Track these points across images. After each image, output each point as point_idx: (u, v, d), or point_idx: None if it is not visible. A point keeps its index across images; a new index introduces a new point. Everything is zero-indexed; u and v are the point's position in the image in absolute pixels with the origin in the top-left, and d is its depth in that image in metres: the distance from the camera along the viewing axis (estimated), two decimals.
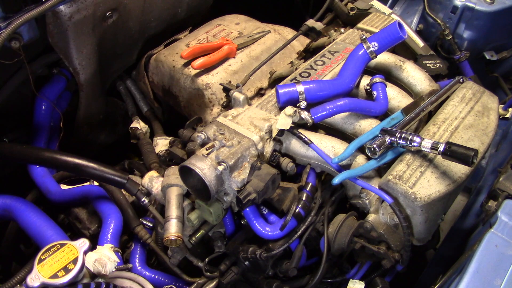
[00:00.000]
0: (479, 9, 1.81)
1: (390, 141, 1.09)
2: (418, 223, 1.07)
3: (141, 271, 1.27)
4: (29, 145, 1.51)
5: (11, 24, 1.12)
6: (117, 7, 1.40)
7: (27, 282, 0.85)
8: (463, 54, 1.88)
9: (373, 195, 1.16)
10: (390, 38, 1.24)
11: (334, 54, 1.49)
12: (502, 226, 1.00)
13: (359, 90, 1.36)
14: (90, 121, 1.71)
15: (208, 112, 1.51)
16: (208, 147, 1.12)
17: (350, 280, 1.12)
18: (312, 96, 1.23)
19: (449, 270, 1.03)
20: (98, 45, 1.44)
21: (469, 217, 1.43)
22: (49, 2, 1.16)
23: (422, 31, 2.01)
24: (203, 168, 1.06)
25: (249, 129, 1.20)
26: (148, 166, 1.41)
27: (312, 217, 1.20)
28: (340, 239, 1.13)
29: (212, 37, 1.69)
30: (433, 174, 1.07)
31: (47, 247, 0.88)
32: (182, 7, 1.72)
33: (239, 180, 1.10)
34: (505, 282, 0.89)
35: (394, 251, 1.11)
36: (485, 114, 1.25)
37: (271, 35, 1.72)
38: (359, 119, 1.25)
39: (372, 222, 1.11)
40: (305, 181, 1.22)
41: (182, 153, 1.27)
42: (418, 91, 1.38)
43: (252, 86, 1.57)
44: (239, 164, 1.12)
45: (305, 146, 1.19)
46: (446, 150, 0.99)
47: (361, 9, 1.82)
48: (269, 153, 1.20)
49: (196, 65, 1.50)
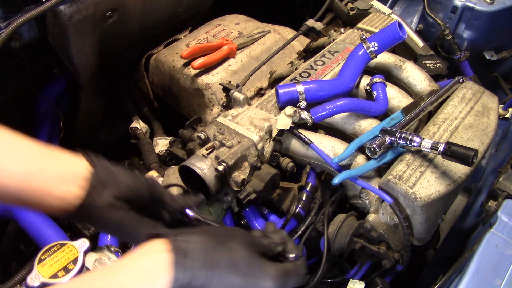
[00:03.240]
0: (479, 9, 1.81)
1: (390, 141, 1.09)
2: (418, 223, 1.07)
3: None
4: None
5: (11, 24, 1.12)
6: (117, 7, 1.40)
7: (27, 282, 0.85)
8: (463, 54, 1.87)
9: (373, 195, 1.16)
10: (390, 38, 1.24)
11: (334, 54, 1.49)
12: (502, 226, 1.00)
13: (359, 90, 1.36)
14: (90, 121, 1.70)
15: (208, 112, 1.51)
16: (208, 147, 1.12)
17: (350, 280, 1.12)
18: (312, 96, 1.23)
19: (449, 270, 1.03)
20: (98, 45, 1.44)
21: (469, 217, 1.43)
22: (49, 2, 1.16)
23: (422, 31, 2.00)
24: (203, 168, 1.06)
25: (249, 129, 1.20)
26: (148, 166, 1.40)
27: (312, 217, 1.20)
28: (340, 239, 1.13)
29: (212, 37, 1.69)
30: (433, 174, 1.07)
31: (47, 247, 0.89)
32: (182, 7, 1.72)
33: (239, 180, 1.10)
34: (505, 282, 0.89)
35: (394, 251, 1.11)
36: (485, 114, 1.25)
37: (271, 35, 1.72)
38: (359, 119, 1.25)
39: (372, 222, 1.12)
40: (305, 181, 1.22)
41: (182, 153, 1.27)
42: (418, 91, 1.38)
43: (252, 86, 1.57)
44: (239, 164, 1.12)
45: (305, 146, 1.19)
46: (446, 150, 0.99)
47: (361, 9, 1.82)
48: (269, 153, 1.20)
49: (196, 65, 1.50)
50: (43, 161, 0.76)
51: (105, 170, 0.80)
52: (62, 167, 0.77)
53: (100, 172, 0.79)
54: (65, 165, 0.78)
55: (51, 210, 0.77)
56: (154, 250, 0.67)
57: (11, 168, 0.73)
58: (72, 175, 0.77)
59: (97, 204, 0.77)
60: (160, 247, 0.67)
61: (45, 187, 0.75)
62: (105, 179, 0.78)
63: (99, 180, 0.78)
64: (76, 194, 0.76)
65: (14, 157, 0.74)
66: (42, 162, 0.76)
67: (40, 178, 0.75)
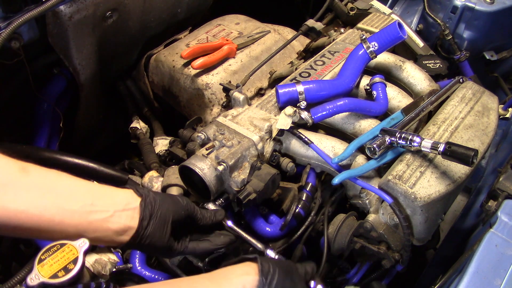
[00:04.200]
0: (479, 9, 1.81)
1: (390, 141, 1.09)
2: (418, 223, 1.07)
3: (141, 271, 1.26)
4: (29, 145, 1.51)
5: (11, 24, 1.12)
6: (117, 7, 1.40)
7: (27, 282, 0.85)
8: (463, 54, 1.87)
9: (373, 195, 1.16)
10: (390, 38, 1.24)
11: (334, 54, 1.49)
12: (502, 226, 1.00)
13: (359, 90, 1.36)
14: (90, 121, 1.71)
15: (208, 112, 1.51)
16: (208, 147, 1.12)
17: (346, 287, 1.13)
18: (312, 96, 1.23)
19: (449, 270, 1.03)
20: (98, 45, 1.44)
21: (469, 217, 1.43)
22: (49, 2, 1.16)
23: (422, 31, 2.01)
24: (203, 168, 1.06)
25: (249, 129, 1.20)
26: (148, 166, 1.41)
27: (312, 217, 1.20)
28: (340, 239, 1.13)
29: (212, 37, 1.69)
30: (433, 174, 1.07)
31: (47, 247, 0.88)
32: (182, 7, 1.72)
33: (239, 180, 1.10)
34: (505, 282, 0.89)
35: (394, 251, 1.11)
36: (485, 114, 1.25)
37: (271, 35, 1.72)
38: (359, 119, 1.25)
39: (372, 222, 1.12)
40: (305, 181, 1.22)
41: (182, 153, 1.27)
42: (418, 91, 1.38)
43: (252, 86, 1.57)
44: (239, 164, 1.12)
45: (305, 146, 1.19)
46: (446, 150, 0.99)
47: (361, 9, 1.82)
48: (269, 153, 1.20)
49: (196, 65, 1.50)
50: (97, 197, 0.85)
51: (151, 200, 0.90)
52: (115, 201, 0.87)
53: (147, 202, 0.89)
54: (117, 199, 0.88)
55: (109, 243, 0.87)
56: (247, 272, 0.82)
57: (69, 206, 0.81)
58: (125, 208, 0.87)
59: (147, 232, 0.88)
60: (252, 269, 0.82)
61: (101, 221, 0.84)
62: (151, 208, 0.89)
63: (147, 210, 0.88)
64: (129, 226, 0.86)
65: (70, 196, 0.82)
66: (96, 199, 0.84)
67: (96, 214, 0.83)
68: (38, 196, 0.78)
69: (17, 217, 0.77)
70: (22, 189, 0.77)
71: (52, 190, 0.81)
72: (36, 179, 0.80)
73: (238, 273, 0.82)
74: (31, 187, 0.78)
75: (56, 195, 0.80)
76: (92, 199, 0.84)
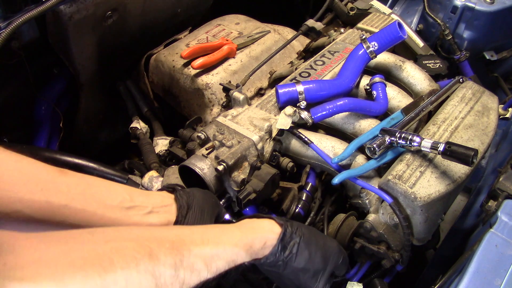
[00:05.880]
0: (479, 9, 1.81)
1: (390, 141, 1.09)
2: (418, 223, 1.07)
3: None
4: (29, 145, 1.51)
5: (11, 24, 1.12)
6: (117, 7, 1.40)
7: None
8: (463, 54, 1.87)
9: (373, 195, 1.15)
10: (390, 38, 1.24)
11: (334, 54, 1.49)
12: (502, 226, 1.00)
13: (359, 90, 1.36)
14: (90, 121, 1.71)
15: (208, 112, 1.51)
16: (208, 147, 1.12)
17: (349, 283, 1.12)
18: (312, 96, 1.23)
19: (449, 270, 1.03)
20: (98, 45, 1.44)
21: (469, 217, 1.43)
22: (49, 2, 1.16)
23: (422, 31, 2.01)
24: (203, 168, 1.06)
25: (249, 129, 1.20)
26: (148, 166, 1.40)
27: (312, 217, 1.19)
28: (340, 239, 1.13)
29: (212, 37, 1.69)
30: (433, 174, 1.07)
31: None
32: (182, 7, 1.72)
33: (239, 180, 1.10)
34: (505, 282, 0.89)
35: (394, 251, 1.11)
36: (485, 114, 1.25)
37: (271, 35, 1.72)
38: (359, 119, 1.25)
39: (372, 222, 1.11)
40: (305, 181, 1.22)
41: (182, 153, 1.27)
42: (418, 91, 1.38)
43: (252, 86, 1.57)
44: (239, 164, 1.12)
45: (305, 146, 1.19)
46: (446, 150, 0.98)
47: (361, 9, 1.82)
48: (269, 153, 1.20)
49: (196, 65, 1.50)
50: (134, 195, 0.88)
51: (184, 194, 0.93)
52: (152, 198, 0.89)
53: (181, 196, 0.92)
54: (153, 196, 0.91)
55: None
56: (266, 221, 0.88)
57: (109, 202, 0.83)
58: (162, 204, 0.89)
59: (186, 222, 0.90)
60: (271, 222, 0.89)
61: (141, 216, 0.86)
62: (186, 200, 0.91)
63: (182, 202, 0.91)
64: (168, 219, 0.89)
65: (109, 193, 0.84)
66: (134, 196, 0.87)
67: (135, 209, 0.85)
68: (79, 192, 0.80)
69: (61, 212, 0.77)
70: (63, 185, 0.78)
71: (91, 187, 0.82)
72: (74, 179, 0.81)
73: (253, 220, 0.89)
74: (71, 184, 0.80)
75: (95, 192, 0.82)
76: (130, 196, 0.86)
